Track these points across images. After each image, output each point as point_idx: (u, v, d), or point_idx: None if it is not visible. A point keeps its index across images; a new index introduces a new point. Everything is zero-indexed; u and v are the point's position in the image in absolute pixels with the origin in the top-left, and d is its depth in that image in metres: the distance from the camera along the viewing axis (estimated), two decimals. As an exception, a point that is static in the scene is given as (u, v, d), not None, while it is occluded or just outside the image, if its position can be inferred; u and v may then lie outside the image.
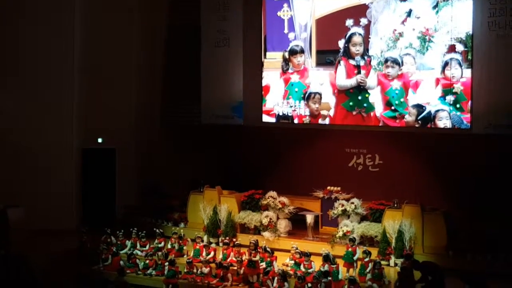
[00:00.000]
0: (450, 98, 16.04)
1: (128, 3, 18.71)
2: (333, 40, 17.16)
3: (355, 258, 13.85)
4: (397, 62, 16.49)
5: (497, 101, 15.32)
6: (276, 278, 13.21)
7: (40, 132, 17.28)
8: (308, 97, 17.59)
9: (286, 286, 12.97)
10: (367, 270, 13.42)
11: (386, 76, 16.64)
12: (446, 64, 16.01)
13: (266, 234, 15.80)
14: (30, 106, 17.30)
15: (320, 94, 17.45)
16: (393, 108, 16.65)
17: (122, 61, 18.60)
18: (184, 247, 15.34)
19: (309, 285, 12.70)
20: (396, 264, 14.17)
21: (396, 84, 16.56)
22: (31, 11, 17.36)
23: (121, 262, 14.57)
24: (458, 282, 11.60)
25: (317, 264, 13.70)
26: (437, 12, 16.07)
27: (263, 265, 13.85)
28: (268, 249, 14.27)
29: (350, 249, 13.95)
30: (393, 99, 16.62)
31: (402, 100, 16.54)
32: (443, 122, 16.20)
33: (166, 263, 14.20)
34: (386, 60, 16.54)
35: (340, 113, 17.28)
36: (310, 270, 13.53)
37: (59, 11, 17.59)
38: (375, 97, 16.84)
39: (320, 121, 17.57)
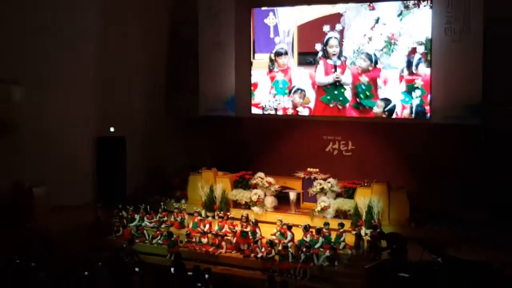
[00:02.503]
0: (412, 92, 16.35)
1: (135, 7, 18.38)
2: (312, 44, 17.45)
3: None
4: (370, 58, 16.67)
5: (452, 96, 15.68)
6: (263, 246, 13.66)
7: (63, 122, 16.82)
8: (295, 91, 17.76)
9: (273, 253, 13.31)
10: (342, 239, 13.83)
11: (357, 69, 16.80)
12: (409, 63, 16.37)
13: (255, 209, 16.11)
14: (55, 101, 16.76)
15: (304, 91, 17.70)
16: (358, 101, 16.90)
17: (132, 63, 18.42)
18: (185, 220, 15.56)
19: (291, 251, 13.10)
20: (366, 234, 14.36)
21: (363, 79, 16.82)
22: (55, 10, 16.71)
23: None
24: (418, 248, 11.53)
25: (297, 234, 14.03)
26: (401, 19, 16.47)
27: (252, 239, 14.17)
28: (253, 220, 14.56)
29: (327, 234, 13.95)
30: (359, 93, 16.89)
31: (368, 93, 16.72)
32: (407, 112, 16.54)
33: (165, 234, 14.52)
34: (362, 53, 16.63)
35: (319, 105, 17.58)
36: (287, 239, 13.83)
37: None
38: (349, 91, 17.09)
39: (300, 112, 17.70)
